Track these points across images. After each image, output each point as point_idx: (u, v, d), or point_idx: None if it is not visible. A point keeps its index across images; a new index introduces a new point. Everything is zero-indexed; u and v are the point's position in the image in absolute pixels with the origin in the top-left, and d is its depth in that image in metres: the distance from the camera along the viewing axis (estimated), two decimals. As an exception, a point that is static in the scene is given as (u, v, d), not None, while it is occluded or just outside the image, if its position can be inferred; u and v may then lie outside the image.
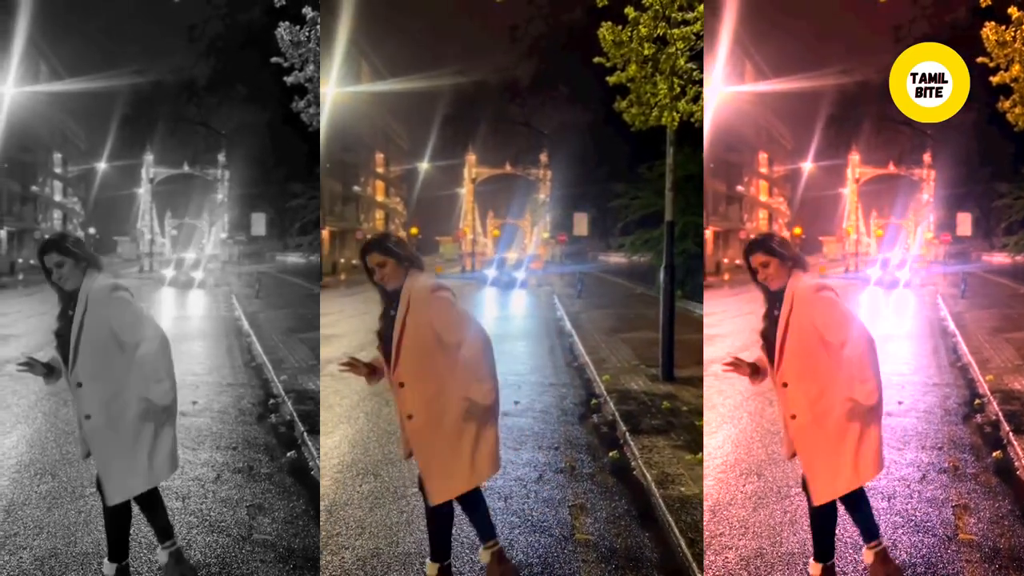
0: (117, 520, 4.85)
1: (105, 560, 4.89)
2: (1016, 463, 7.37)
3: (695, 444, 7.70)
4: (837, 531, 4.99)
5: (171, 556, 4.95)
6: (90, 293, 4.64)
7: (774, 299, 4.79)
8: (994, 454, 7.59)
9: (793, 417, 4.73)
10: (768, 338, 4.79)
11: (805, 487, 4.87)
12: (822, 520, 4.89)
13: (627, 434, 8.10)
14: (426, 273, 4.77)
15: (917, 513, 6.08)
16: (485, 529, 4.99)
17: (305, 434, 7.95)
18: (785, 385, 4.72)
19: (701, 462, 7.22)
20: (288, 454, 7.54)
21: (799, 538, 5.70)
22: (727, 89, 22.48)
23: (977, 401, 9.62)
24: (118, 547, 4.89)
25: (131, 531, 4.94)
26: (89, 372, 4.62)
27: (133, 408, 4.62)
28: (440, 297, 4.65)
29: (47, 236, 4.85)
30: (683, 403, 9.52)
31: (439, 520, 4.86)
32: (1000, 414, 8.82)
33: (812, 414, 4.67)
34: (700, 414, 8.92)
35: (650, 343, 13.05)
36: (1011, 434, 8.00)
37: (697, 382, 10.51)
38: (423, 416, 4.66)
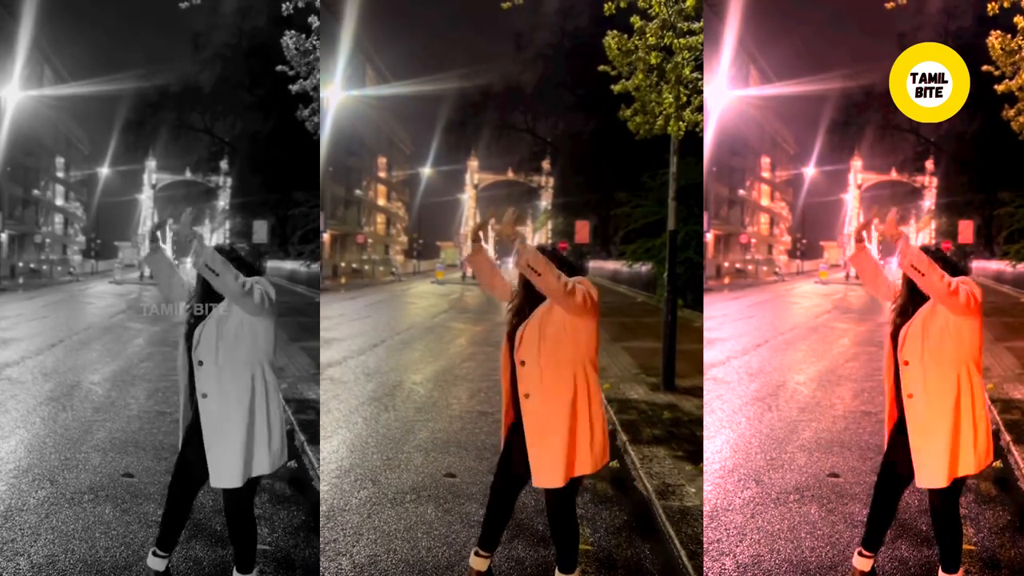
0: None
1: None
2: (1016, 473, 7.36)
3: (696, 455, 7.68)
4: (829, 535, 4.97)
5: None
6: None
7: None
8: (994, 464, 7.57)
9: (910, 396, 4.77)
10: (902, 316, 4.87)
11: (889, 473, 4.91)
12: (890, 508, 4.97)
13: (627, 443, 8.08)
14: None
15: (917, 522, 6.05)
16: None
17: (305, 443, 7.94)
18: (906, 363, 4.77)
19: (702, 472, 7.20)
20: (288, 463, 7.53)
21: (796, 545, 5.68)
22: (731, 93, 22.51)
23: (978, 410, 9.60)
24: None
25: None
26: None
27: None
28: None
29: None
30: (684, 413, 9.49)
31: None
32: (1000, 423, 8.79)
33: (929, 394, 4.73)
34: (701, 423, 8.90)
35: (651, 352, 13.03)
36: (1011, 444, 7.99)
37: (699, 392, 10.47)
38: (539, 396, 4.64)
